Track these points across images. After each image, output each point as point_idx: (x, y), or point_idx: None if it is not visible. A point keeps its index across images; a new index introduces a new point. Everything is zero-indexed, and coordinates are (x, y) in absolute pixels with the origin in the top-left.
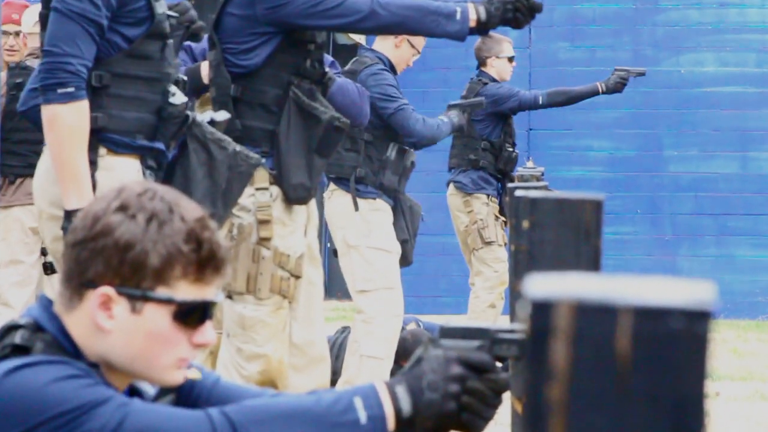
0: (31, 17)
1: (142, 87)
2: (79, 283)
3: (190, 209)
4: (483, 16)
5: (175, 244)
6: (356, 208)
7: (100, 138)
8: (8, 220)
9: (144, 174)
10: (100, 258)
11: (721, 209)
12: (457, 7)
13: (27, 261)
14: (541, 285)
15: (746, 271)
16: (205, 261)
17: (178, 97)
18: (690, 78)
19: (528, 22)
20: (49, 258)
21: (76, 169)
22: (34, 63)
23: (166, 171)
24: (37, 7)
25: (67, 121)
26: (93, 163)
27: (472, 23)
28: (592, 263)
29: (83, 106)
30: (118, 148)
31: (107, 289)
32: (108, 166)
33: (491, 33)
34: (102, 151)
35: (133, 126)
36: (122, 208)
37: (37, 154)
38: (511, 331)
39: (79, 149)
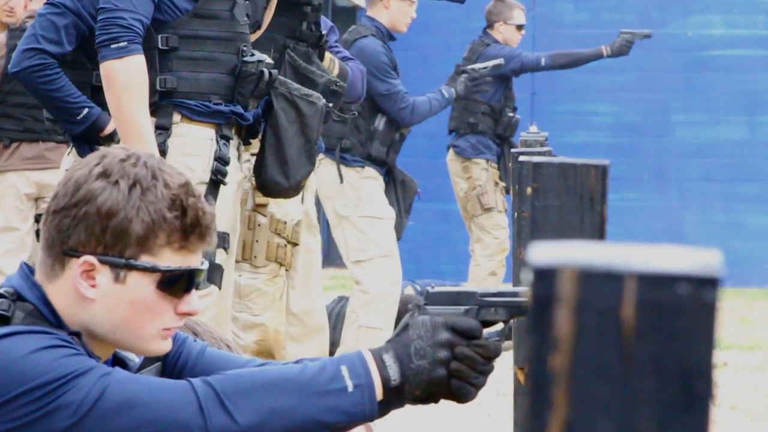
0: None
1: (214, 47)
2: (61, 251)
3: (175, 175)
4: None
5: (159, 211)
6: (341, 180)
7: (174, 103)
8: (2, 186)
9: (218, 144)
10: (82, 225)
11: (729, 175)
12: None
13: (21, 228)
14: (544, 252)
15: (755, 238)
16: (189, 228)
17: (254, 55)
18: (697, 40)
19: None
20: None
21: (138, 125)
22: None
23: (253, 135)
24: None
25: (122, 77)
26: (165, 129)
27: None
28: (597, 230)
29: (138, 60)
30: (193, 115)
31: (90, 258)
32: (181, 133)
33: None
34: (176, 117)
35: (206, 87)
36: (104, 174)
37: (34, 118)
38: (499, 294)
39: (138, 104)
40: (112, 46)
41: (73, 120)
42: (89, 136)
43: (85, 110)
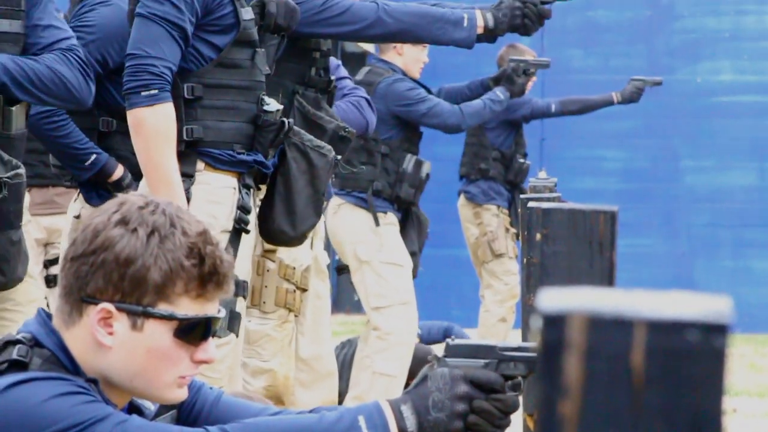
0: None
1: (236, 96)
2: (79, 297)
3: (193, 223)
4: (491, 22)
5: (177, 259)
6: (377, 223)
7: (199, 152)
8: None
9: (240, 192)
10: (100, 273)
11: (738, 221)
12: (464, 13)
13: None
14: (554, 298)
15: (764, 284)
16: (207, 276)
17: (272, 105)
18: (706, 87)
19: (537, 29)
20: (53, 270)
21: (167, 173)
22: None
23: (262, 180)
24: None
25: (152, 124)
26: (189, 177)
27: (480, 30)
28: (606, 276)
29: (168, 108)
30: (216, 163)
31: (107, 305)
32: (204, 181)
33: (517, 44)
34: (200, 165)
35: (230, 136)
36: (123, 221)
37: (44, 164)
38: (519, 349)
39: (168, 152)
40: (143, 93)
41: (80, 166)
42: (96, 183)
43: (93, 156)
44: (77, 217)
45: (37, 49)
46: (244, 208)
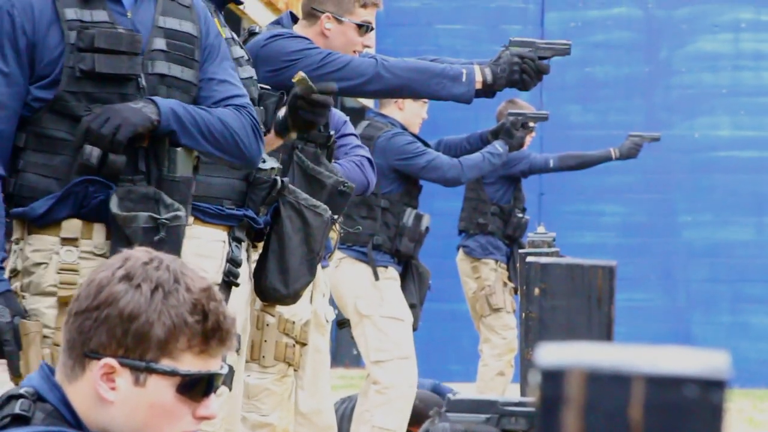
0: None
1: None
2: (82, 352)
3: (197, 279)
4: (489, 77)
5: (181, 315)
6: (377, 277)
7: None
8: None
9: (230, 246)
10: (103, 328)
11: (736, 276)
12: (463, 68)
13: None
14: (552, 353)
15: (762, 339)
16: (210, 333)
17: (268, 162)
18: (704, 142)
19: (535, 84)
20: None
21: None
22: None
23: (259, 238)
24: None
25: None
26: None
27: (478, 85)
28: (605, 331)
29: None
30: (206, 217)
31: (110, 360)
32: (194, 235)
33: (516, 100)
34: (189, 219)
35: (220, 192)
36: (127, 277)
37: None
38: (519, 404)
39: None
40: None
41: None
42: None
43: None
44: None
45: (210, 103)
46: (234, 261)
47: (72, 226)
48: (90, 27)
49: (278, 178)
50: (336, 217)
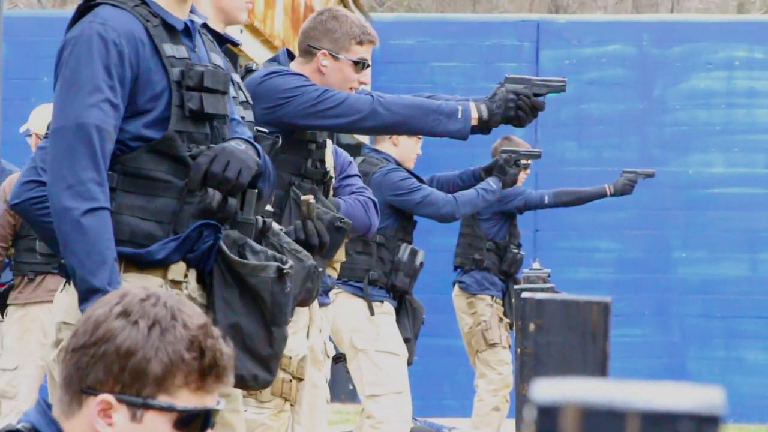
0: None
1: None
2: (79, 388)
3: (194, 316)
4: (485, 114)
5: (177, 351)
6: (372, 312)
7: None
8: (26, 320)
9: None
10: (100, 364)
11: (730, 312)
12: (459, 105)
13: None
14: (547, 388)
15: (756, 374)
16: (207, 369)
17: None
18: (698, 179)
19: (530, 121)
20: None
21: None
22: None
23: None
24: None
25: None
26: None
27: (474, 122)
28: (600, 366)
29: None
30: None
31: (107, 396)
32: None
33: (511, 137)
34: None
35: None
36: (125, 313)
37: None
38: None
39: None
40: None
41: None
42: None
43: None
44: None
45: None
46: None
47: (179, 269)
48: (191, 65)
49: (260, 218)
50: (321, 269)
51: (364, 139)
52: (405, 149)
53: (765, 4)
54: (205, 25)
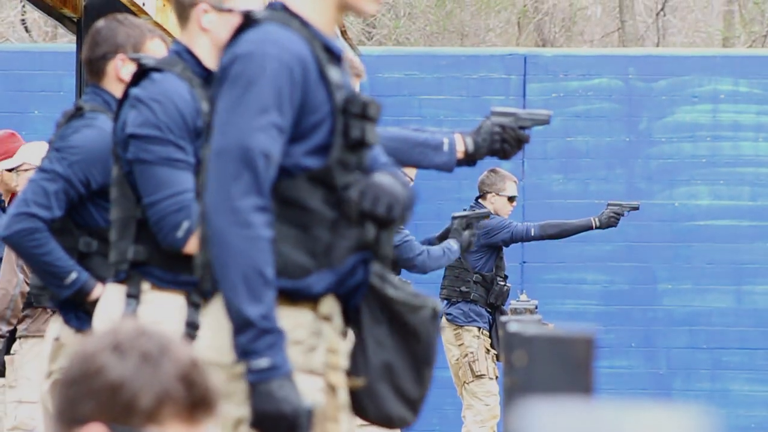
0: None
1: None
2: (71, 420)
3: (184, 350)
4: (471, 147)
5: (167, 385)
6: None
7: (142, 272)
8: (37, 349)
9: (188, 311)
10: (91, 397)
11: (716, 343)
12: (444, 138)
13: None
14: (534, 418)
15: (741, 406)
16: (197, 403)
17: None
18: (684, 211)
19: (515, 153)
20: None
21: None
22: None
23: None
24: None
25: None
26: (135, 297)
27: (460, 154)
28: (586, 398)
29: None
30: (161, 283)
31: (99, 427)
32: (150, 300)
33: (498, 169)
34: (145, 285)
35: (177, 264)
36: (115, 347)
37: None
38: None
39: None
40: (178, 234)
41: (60, 284)
42: (75, 303)
43: (74, 274)
44: (57, 339)
45: None
46: (192, 325)
47: (330, 304)
48: (355, 92)
49: None
50: None
51: None
52: None
53: (749, 39)
54: (198, 62)
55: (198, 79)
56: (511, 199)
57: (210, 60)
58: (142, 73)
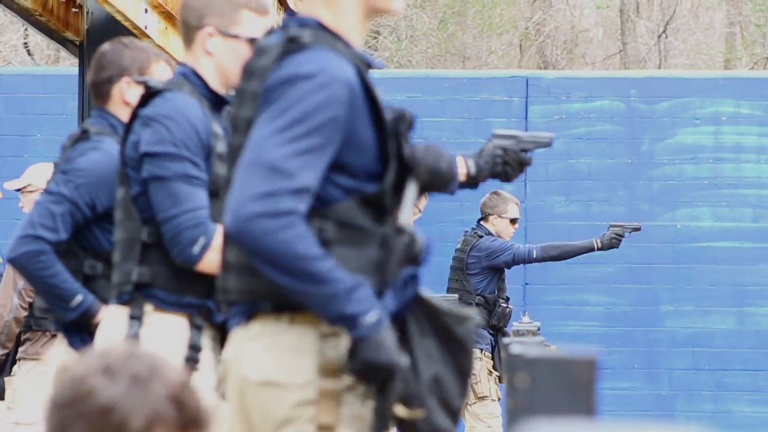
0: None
1: None
2: None
3: (174, 372)
4: (473, 169)
5: (158, 407)
6: None
7: (146, 294)
8: (35, 372)
9: (189, 332)
10: (82, 420)
11: (718, 365)
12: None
13: None
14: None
15: (744, 428)
16: (187, 424)
17: None
18: (686, 233)
19: (517, 176)
20: None
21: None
22: None
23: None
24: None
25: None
26: (137, 319)
27: (462, 177)
28: (589, 420)
29: (216, 239)
30: (164, 305)
31: None
32: (153, 322)
33: (500, 191)
34: (148, 307)
35: (181, 285)
36: (105, 369)
37: None
38: None
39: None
40: (194, 250)
41: (66, 306)
42: (80, 326)
43: (79, 297)
44: (61, 362)
45: None
46: (194, 347)
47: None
48: (401, 112)
49: None
50: None
51: None
52: None
53: (751, 61)
54: (204, 84)
55: (206, 101)
56: (513, 221)
57: (214, 83)
58: (150, 95)
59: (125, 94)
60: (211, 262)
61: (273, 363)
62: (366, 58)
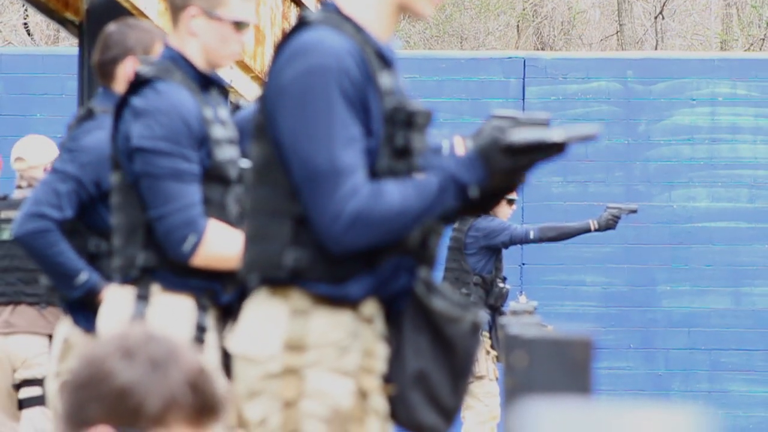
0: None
1: None
2: (78, 422)
3: (192, 356)
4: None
5: (175, 391)
6: None
7: (153, 275)
8: None
9: (197, 313)
10: (99, 401)
11: (714, 344)
12: (444, 140)
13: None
14: (534, 419)
15: (740, 407)
16: (203, 409)
17: None
18: (682, 213)
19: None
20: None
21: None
22: (23, 192)
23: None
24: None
25: (215, 254)
26: (144, 298)
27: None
28: (586, 399)
29: (210, 232)
30: (171, 286)
31: (105, 430)
32: (159, 302)
33: None
34: (155, 288)
35: (187, 269)
36: (123, 351)
37: (24, 282)
38: None
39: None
40: (185, 248)
41: (71, 284)
42: (85, 304)
43: (84, 275)
44: (66, 339)
45: None
46: (201, 327)
47: (372, 306)
48: (402, 101)
49: None
50: None
51: None
52: None
53: (747, 42)
54: (192, 67)
55: (195, 84)
56: (510, 201)
57: (201, 64)
58: (140, 81)
59: (130, 74)
60: (205, 257)
61: (247, 336)
62: (379, 46)
